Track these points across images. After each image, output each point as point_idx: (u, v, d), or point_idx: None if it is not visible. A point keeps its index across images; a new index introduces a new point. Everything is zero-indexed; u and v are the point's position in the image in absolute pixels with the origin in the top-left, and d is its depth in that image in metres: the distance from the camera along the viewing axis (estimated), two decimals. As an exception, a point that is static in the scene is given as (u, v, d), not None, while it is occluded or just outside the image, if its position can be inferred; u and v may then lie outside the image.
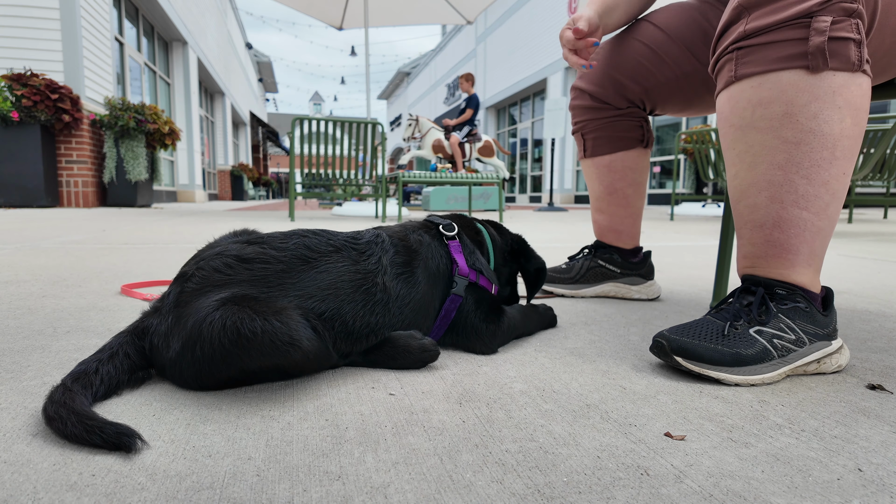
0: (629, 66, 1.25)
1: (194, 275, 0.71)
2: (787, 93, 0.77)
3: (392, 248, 0.85)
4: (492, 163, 8.58)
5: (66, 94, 6.45)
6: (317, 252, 0.78)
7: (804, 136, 0.77)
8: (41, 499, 0.45)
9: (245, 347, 0.63)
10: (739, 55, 0.81)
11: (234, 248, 0.75)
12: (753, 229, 0.84)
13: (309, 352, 0.67)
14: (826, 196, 0.79)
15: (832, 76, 0.75)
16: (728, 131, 0.86)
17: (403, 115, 34.70)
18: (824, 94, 0.75)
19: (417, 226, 0.95)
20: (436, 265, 0.88)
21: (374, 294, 0.79)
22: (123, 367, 0.68)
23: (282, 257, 0.75)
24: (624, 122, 1.33)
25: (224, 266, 0.72)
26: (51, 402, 0.58)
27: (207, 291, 0.69)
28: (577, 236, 3.45)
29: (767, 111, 0.79)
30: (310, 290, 0.74)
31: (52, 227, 3.41)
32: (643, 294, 1.39)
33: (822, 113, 0.76)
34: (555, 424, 0.62)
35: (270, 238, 0.79)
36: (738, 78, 0.82)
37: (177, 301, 0.70)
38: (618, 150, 1.35)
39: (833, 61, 0.74)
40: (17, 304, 1.19)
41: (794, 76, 0.76)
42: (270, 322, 0.64)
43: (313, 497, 0.47)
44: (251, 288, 0.70)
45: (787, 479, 0.51)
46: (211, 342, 0.63)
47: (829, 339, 0.81)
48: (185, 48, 12.04)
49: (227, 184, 17.51)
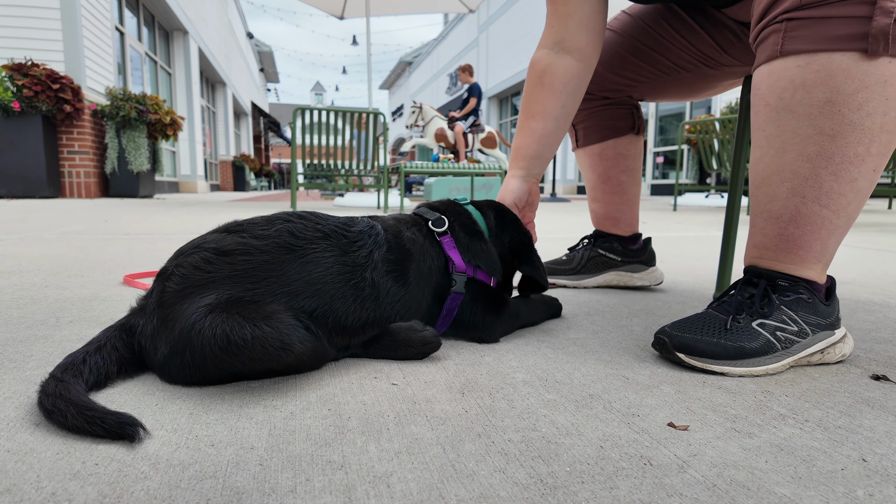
0: (612, 61, 1.24)
1: (174, 273, 0.69)
2: (835, 78, 0.70)
3: (385, 244, 0.81)
4: (494, 154, 8.54)
5: (68, 85, 6.43)
6: (302, 239, 0.74)
7: (843, 129, 0.71)
8: (45, 487, 0.45)
9: (236, 355, 0.62)
10: (789, 27, 0.73)
11: (212, 239, 0.72)
12: (768, 220, 0.81)
13: (302, 354, 0.66)
14: (850, 194, 0.74)
15: (888, 63, 0.68)
16: (762, 110, 0.79)
17: (406, 105, 34.56)
18: (874, 83, 0.68)
19: (410, 221, 0.90)
20: (428, 267, 0.85)
21: (363, 289, 0.76)
22: (112, 359, 0.67)
23: (264, 247, 0.71)
24: (613, 110, 1.32)
25: (203, 262, 0.69)
26: (46, 395, 0.57)
27: (190, 293, 0.67)
28: (580, 227, 3.44)
29: (809, 96, 0.72)
30: (297, 285, 0.71)
31: (54, 218, 3.42)
32: (646, 281, 1.38)
33: (868, 104, 0.69)
34: (558, 414, 0.62)
35: (251, 225, 0.75)
36: (784, 53, 0.73)
37: (159, 301, 0.68)
38: (608, 137, 1.34)
39: (894, 47, 0.67)
40: (19, 295, 1.20)
41: (847, 60, 0.69)
42: (261, 328, 0.63)
43: (316, 486, 0.47)
44: (234, 286, 0.68)
45: (791, 469, 0.51)
46: (202, 350, 0.63)
47: (832, 328, 0.81)
48: (186, 38, 11.97)
49: (228, 174, 17.49)
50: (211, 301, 0.65)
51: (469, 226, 0.93)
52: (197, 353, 0.63)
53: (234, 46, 19.10)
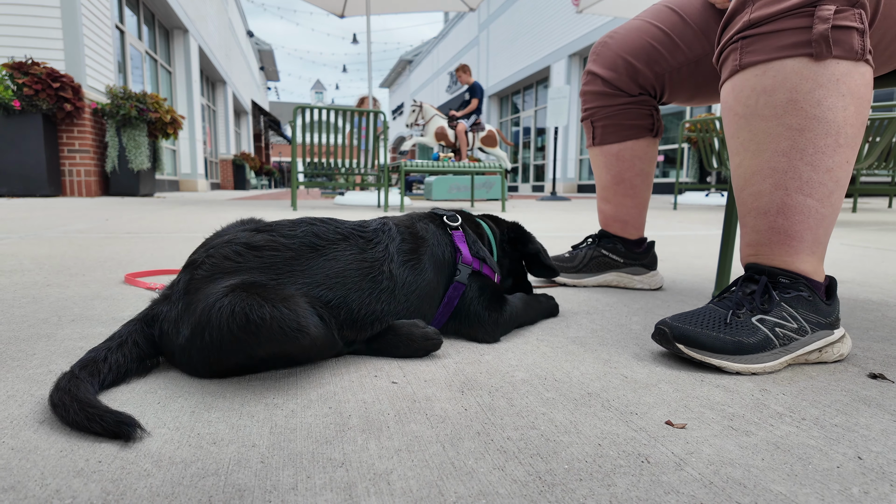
0: (644, 51, 1.24)
1: (204, 262, 0.72)
2: (790, 80, 0.77)
3: (399, 236, 0.86)
4: (494, 153, 8.54)
5: (68, 83, 6.43)
6: (325, 240, 0.79)
7: (808, 123, 0.77)
8: (49, 484, 0.46)
9: (254, 333, 0.63)
10: (744, 44, 0.81)
11: (243, 235, 0.76)
12: (757, 216, 0.84)
13: (317, 338, 0.68)
14: (830, 183, 0.79)
15: (835, 64, 0.75)
16: (732, 120, 0.86)
17: (406, 104, 34.53)
18: (828, 82, 0.75)
19: (423, 215, 0.97)
20: (441, 252, 0.90)
21: (380, 282, 0.79)
22: (132, 356, 0.68)
23: (291, 245, 0.76)
24: (634, 109, 1.31)
25: (234, 254, 0.72)
26: (57, 389, 0.58)
27: (217, 279, 0.69)
28: (580, 226, 3.45)
29: (772, 98, 0.79)
30: (318, 277, 0.74)
31: (55, 217, 3.42)
32: (646, 284, 1.39)
33: (826, 100, 0.76)
34: (556, 412, 0.62)
35: (279, 226, 0.79)
36: (743, 67, 0.82)
37: (186, 288, 0.70)
38: (627, 138, 1.33)
39: (836, 49, 0.74)
40: (21, 293, 1.20)
41: (798, 64, 0.76)
42: (279, 308, 0.64)
43: (317, 483, 0.47)
44: (260, 275, 0.71)
45: (788, 466, 0.51)
46: (220, 328, 0.63)
47: (831, 328, 0.81)
48: (186, 36, 11.97)
49: (229, 173, 17.49)
50: (234, 282, 0.68)
51: (475, 228, 1.03)
52: (215, 331, 0.64)
53: (234, 45, 19.08)
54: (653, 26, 1.23)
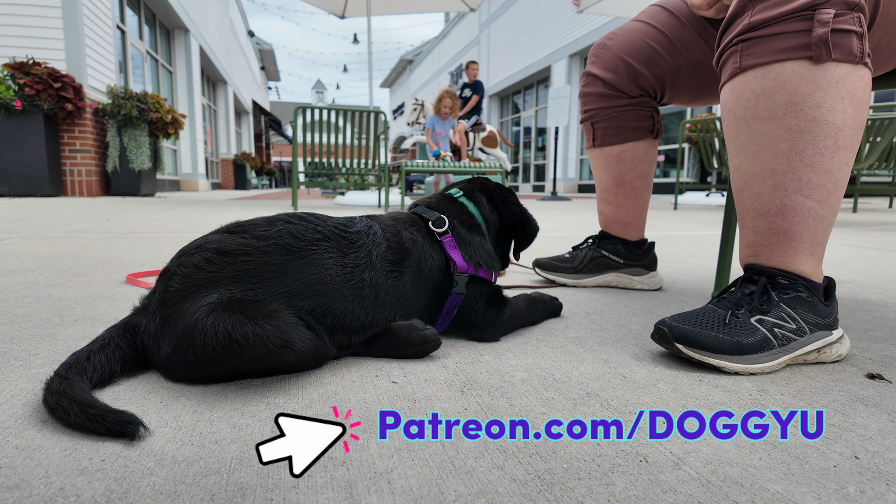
0: (644, 53, 1.24)
1: (176, 273, 0.70)
2: (790, 82, 0.78)
3: (384, 243, 0.82)
4: (494, 154, 8.53)
5: (69, 83, 6.44)
6: (302, 240, 0.75)
7: (808, 125, 0.78)
8: (53, 483, 0.46)
9: (237, 353, 0.63)
10: (744, 47, 0.82)
11: (214, 239, 0.73)
12: (757, 217, 0.85)
13: (303, 353, 0.67)
14: (829, 185, 0.79)
15: (835, 67, 0.76)
16: (732, 122, 0.86)
17: (407, 104, 34.53)
18: (827, 85, 0.76)
19: (408, 221, 0.91)
20: (429, 266, 0.86)
21: (361, 289, 0.77)
22: (115, 357, 0.68)
23: (265, 248, 0.72)
24: (635, 111, 1.32)
25: (204, 262, 0.70)
26: (50, 392, 0.58)
27: (192, 292, 0.67)
28: (580, 226, 3.45)
29: (771, 101, 0.79)
30: (296, 286, 0.72)
31: (56, 216, 3.43)
32: (645, 285, 1.39)
33: (826, 102, 0.76)
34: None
35: (252, 226, 0.76)
36: (743, 69, 0.82)
37: (162, 300, 0.69)
38: (628, 140, 1.33)
39: (836, 52, 0.75)
40: (24, 293, 1.21)
41: (798, 66, 0.77)
42: (262, 326, 0.64)
43: (318, 482, 0.48)
44: (236, 286, 0.68)
45: (784, 466, 0.51)
46: (203, 348, 0.63)
47: (829, 328, 0.82)
48: (187, 36, 11.97)
49: (229, 173, 17.50)
50: (213, 300, 0.66)
51: (467, 221, 0.95)
52: (199, 351, 0.64)
53: (234, 44, 19.09)
54: (651, 28, 1.23)
